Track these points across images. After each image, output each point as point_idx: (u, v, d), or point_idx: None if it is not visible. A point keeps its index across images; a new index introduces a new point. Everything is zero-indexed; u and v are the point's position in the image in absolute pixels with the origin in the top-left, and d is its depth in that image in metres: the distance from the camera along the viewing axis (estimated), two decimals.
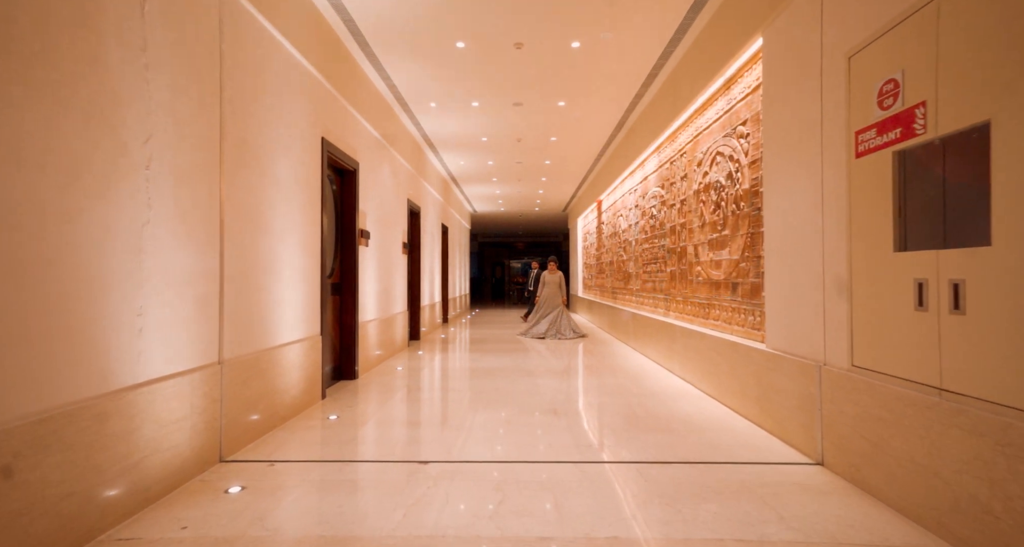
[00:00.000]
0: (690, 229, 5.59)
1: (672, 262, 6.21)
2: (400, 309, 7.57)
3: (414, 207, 8.67)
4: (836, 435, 2.66)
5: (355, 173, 5.52)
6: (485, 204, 16.56)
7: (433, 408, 4.35)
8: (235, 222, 3.12)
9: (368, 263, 6.00)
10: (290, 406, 3.84)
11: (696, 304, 5.35)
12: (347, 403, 4.42)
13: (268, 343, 3.54)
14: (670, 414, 4.02)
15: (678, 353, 5.55)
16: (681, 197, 5.88)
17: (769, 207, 3.49)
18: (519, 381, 5.35)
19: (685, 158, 5.75)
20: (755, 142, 3.99)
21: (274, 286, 3.64)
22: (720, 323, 4.68)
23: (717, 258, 4.79)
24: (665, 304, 6.51)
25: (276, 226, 3.69)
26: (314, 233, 4.41)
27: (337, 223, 5.41)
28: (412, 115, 7.33)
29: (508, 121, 7.70)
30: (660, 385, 5.12)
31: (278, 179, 3.72)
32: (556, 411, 4.14)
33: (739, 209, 4.29)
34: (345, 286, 5.47)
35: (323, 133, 4.60)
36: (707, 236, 5.05)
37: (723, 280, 4.64)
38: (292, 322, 3.94)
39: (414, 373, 5.94)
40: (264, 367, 3.44)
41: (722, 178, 4.66)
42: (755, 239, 3.99)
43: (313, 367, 4.29)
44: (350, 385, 5.18)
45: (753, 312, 4.02)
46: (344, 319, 5.47)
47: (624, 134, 8.19)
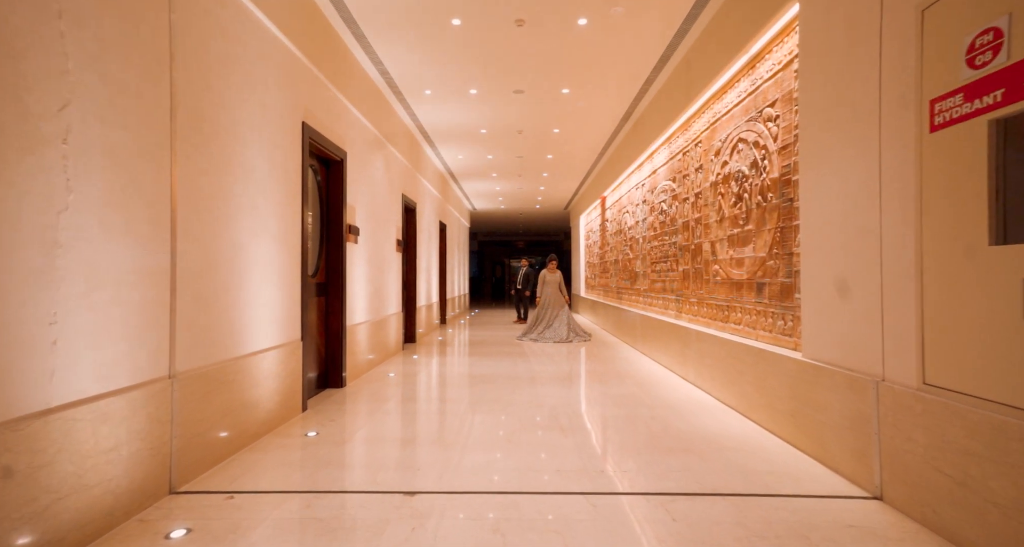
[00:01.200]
0: (706, 225, 5.15)
1: (685, 260, 5.78)
2: (394, 310, 7.14)
3: (409, 203, 8.24)
4: (900, 466, 2.23)
5: (342, 164, 5.09)
6: (485, 201, 16.13)
7: (425, 422, 3.92)
8: (193, 213, 2.69)
9: (357, 261, 5.57)
10: (263, 421, 3.41)
11: (713, 306, 4.92)
12: (330, 416, 3.99)
13: (236, 351, 3.10)
14: (690, 430, 3.58)
15: (692, 359, 5.12)
16: (696, 190, 5.45)
17: (807, 197, 3.06)
18: (520, 390, 4.92)
19: (700, 148, 5.32)
20: (786, 125, 3.55)
21: (245, 287, 3.21)
22: (743, 328, 4.24)
23: (738, 256, 4.35)
24: (677, 305, 6.08)
25: (247, 218, 3.26)
26: (294, 227, 3.98)
27: (322, 217, 4.97)
28: (406, 104, 6.90)
29: (508, 111, 7.26)
30: (674, 395, 4.69)
31: (249, 166, 3.29)
32: (562, 426, 3.71)
33: (766, 201, 3.86)
34: (331, 286, 5.04)
35: (304, 117, 4.17)
36: (726, 232, 4.62)
37: (746, 280, 4.21)
38: (267, 327, 3.51)
39: (407, 380, 5.50)
40: (231, 379, 3.00)
41: (745, 167, 4.23)
42: (786, 234, 3.55)
43: (292, 376, 3.86)
44: (336, 394, 4.75)
45: (783, 316, 3.59)
46: (330, 322, 5.04)
47: (631, 125, 7.75)
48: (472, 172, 11.58)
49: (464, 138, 8.71)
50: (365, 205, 5.83)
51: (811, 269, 3.01)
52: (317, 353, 4.84)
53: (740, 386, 3.98)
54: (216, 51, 2.90)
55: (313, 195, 4.80)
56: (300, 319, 4.09)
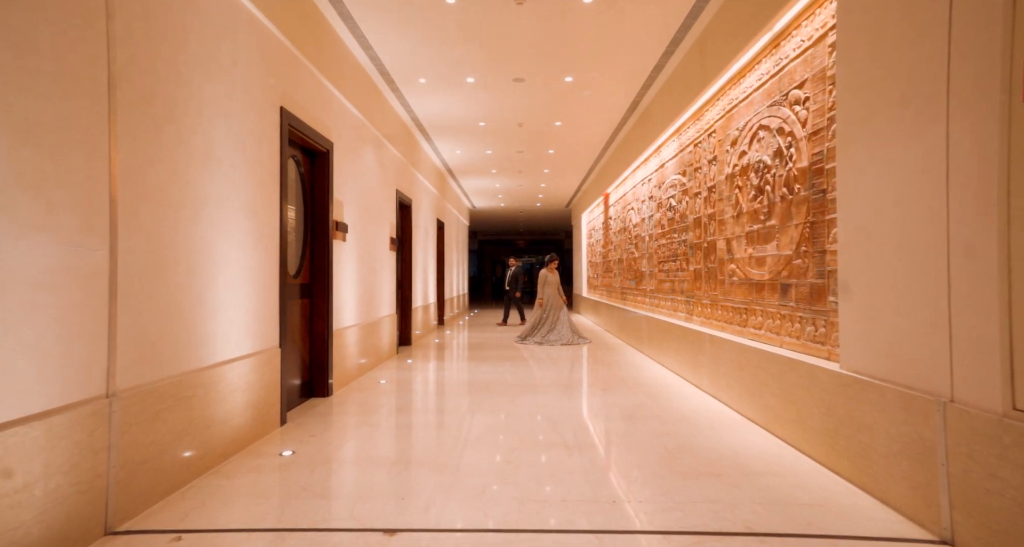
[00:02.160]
0: (720, 221, 4.78)
1: (696, 259, 5.40)
2: (387, 312, 6.76)
3: (405, 199, 7.87)
4: (979, 507, 1.85)
5: (328, 155, 4.71)
6: (484, 199, 15.76)
7: (414, 438, 3.55)
8: (143, 204, 2.31)
9: (346, 260, 5.20)
10: (232, 440, 3.04)
11: (729, 309, 4.54)
12: (311, 430, 3.62)
13: (198, 362, 2.73)
14: (709, 448, 3.21)
15: (706, 365, 4.74)
16: (709, 184, 5.07)
17: (846, 187, 2.69)
18: (521, 399, 4.54)
19: (714, 138, 4.94)
20: (817, 107, 3.17)
21: (210, 289, 2.84)
22: (764, 333, 3.87)
23: (759, 254, 3.98)
24: (687, 307, 5.70)
25: (213, 212, 2.88)
26: (271, 223, 3.61)
27: (306, 213, 4.60)
28: (400, 94, 6.52)
29: (508, 101, 6.88)
30: (688, 405, 4.31)
31: (216, 153, 2.92)
32: (566, 443, 3.33)
33: (792, 193, 3.48)
34: (316, 287, 4.67)
35: (283, 102, 3.80)
36: (744, 228, 4.24)
37: (768, 281, 3.83)
38: (238, 334, 3.14)
39: (399, 388, 5.13)
40: (190, 394, 2.63)
41: (767, 157, 3.85)
42: (817, 230, 3.18)
43: (268, 387, 3.49)
44: (321, 405, 4.38)
45: (813, 321, 3.22)
46: (315, 326, 4.66)
47: (637, 116, 7.37)
48: (471, 168, 11.20)
49: (462, 131, 8.34)
50: (355, 200, 5.46)
51: (852, 269, 2.63)
52: (300, 360, 4.47)
53: (762, 398, 3.61)
54: (167, 18, 2.53)
55: (295, 189, 4.43)
56: (279, 324, 3.72)
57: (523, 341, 8.43)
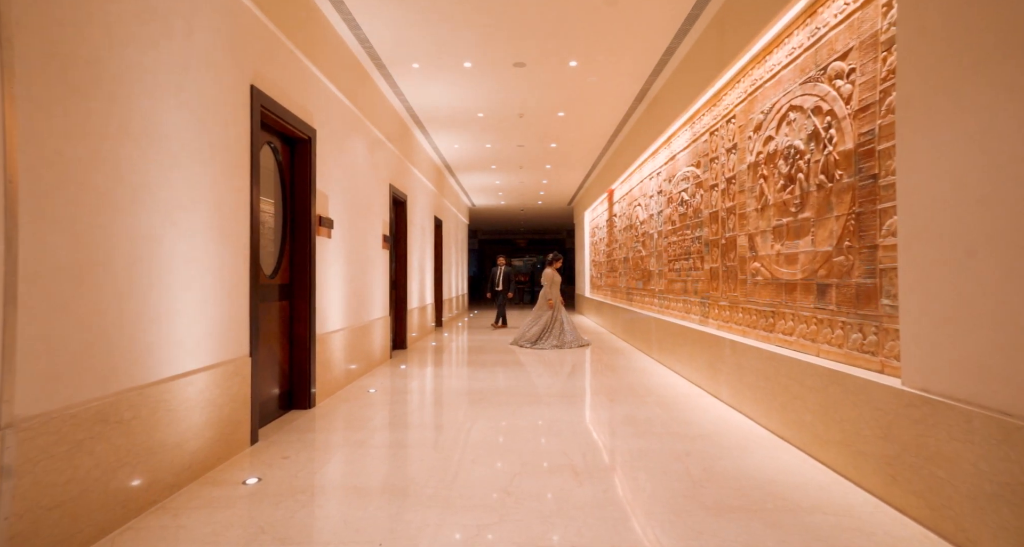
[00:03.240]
0: (741, 215, 4.34)
1: (713, 257, 4.97)
2: (379, 314, 6.33)
3: (399, 195, 7.44)
4: None
5: (310, 143, 4.28)
6: (484, 197, 15.33)
7: (401, 461, 3.11)
8: (57, 190, 1.89)
9: (332, 259, 4.77)
10: (187, 466, 2.61)
11: (753, 312, 4.11)
12: (285, 451, 3.19)
13: (139, 378, 2.30)
14: (740, 474, 2.78)
15: (726, 374, 4.31)
16: (727, 174, 4.64)
17: (912, 169, 2.25)
18: (522, 412, 4.11)
19: (734, 124, 4.50)
20: (867, 80, 2.74)
21: (156, 292, 2.41)
22: (796, 339, 3.44)
23: (789, 251, 3.54)
24: (702, 309, 5.27)
25: (161, 202, 2.46)
26: (239, 217, 3.18)
27: (285, 206, 4.17)
28: (391, 80, 6.09)
29: (508, 88, 6.45)
30: (708, 419, 3.88)
31: (164, 133, 2.49)
32: (574, 467, 2.90)
33: (831, 181, 3.05)
34: (297, 288, 4.24)
35: (254, 80, 3.37)
36: (771, 222, 3.81)
37: (800, 280, 3.40)
38: (195, 342, 2.71)
39: (390, 398, 4.70)
40: (129, 416, 2.21)
41: (799, 141, 3.42)
42: (865, 221, 2.74)
43: (235, 402, 3.06)
44: (300, 419, 3.95)
45: (860, 328, 2.78)
46: (296, 330, 4.23)
47: (647, 105, 6.93)
48: (470, 164, 10.77)
49: (459, 123, 7.90)
50: (342, 194, 5.03)
51: (920, 268, 2.20)
52: (279, 368, 4.04)
53: (797, 413, 3.17)
54: None
55: (272, 179, 4.00)
56: (249, 330, 3.29)
57: (538, 346, 7.85)
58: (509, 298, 11.31)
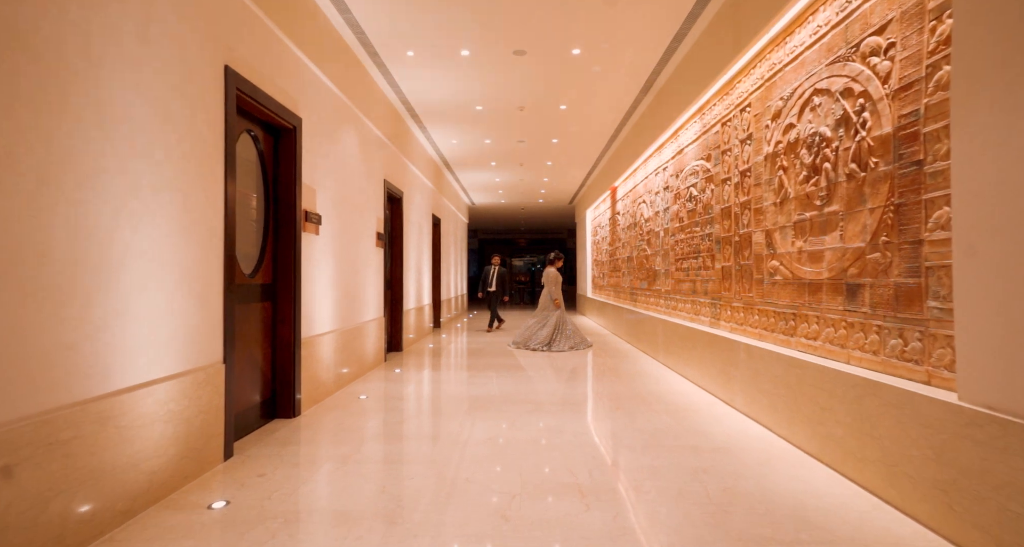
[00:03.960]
0: (757, 210, 4.05)
1: (724, 256, 4.68)
2: (372, 316, 6.04)
3: (395, 191, 7.15)
4: None
5: (295, 133, 3.99)
6: (484, 195, 15.03)
7: (391, 479, 2.82)
8: None
9: (320, 257, 4.48)
10: (144, 489, 2.32)
11: (770, 314, 3.81)
12: (261, 467, 2.90)
13: (81, 392, 2.01)
14: (765, 496, 2.48)
15: (740, 380, 4.01)
16: (741, 167, 4.34)
17: (973, 152, 1.96)
18: (523, 421, 3.82)
19: (749, 113, 4.21)
20: (909, 54, 2.44)
21: (102, 292, 2.12)
22: (822, 344, 3.14)
23: (813, 247, 3.25)
24: (713, 311, 4.97)
25: (113, 191, 2.17)
26: (210, 209, 2.89)
27: (267, 200, 3.88)
28: (385, 69, 5.79)
29: (507, 79, 6.15)
30: (723, 430, 3.58)
31: (116, 113, 2.20)
32: (580, 487, 2.61)
33: (864, 170, 2.75)
34: (280, 288, 3.94)
35: (228, 60, 3.07)
36: (792, 217, 3.52)
37: (827, 280, 3.11)
38: (155, 348, 2.42)
39: (382, 405, 4.41)
40: (68, 436, 1.92)
41: (825, 128, 3.13)
42: (906, 214, 2.45)
43: (206, 414, 2.77)
44: (283, 429, 3.66)
45: (901, 333, 2.48)
46: (279, 333, 3.94)
47: (653, 96, 6.63)
48: (469, 160, 10.48)
49: (457, 117, 7.61)
50: (332, 189, 4.74)
51: (983, 264, 1.90)
52: (260, 375, 3.75)
53: (826, 427, 2.88)
54: None
55: (253, 171, 3.71)
56: (223, 334, 3.00)
57: (548, 349, 7.52)
58: (504, 301, 10.63)
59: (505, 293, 10.49)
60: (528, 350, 7.55)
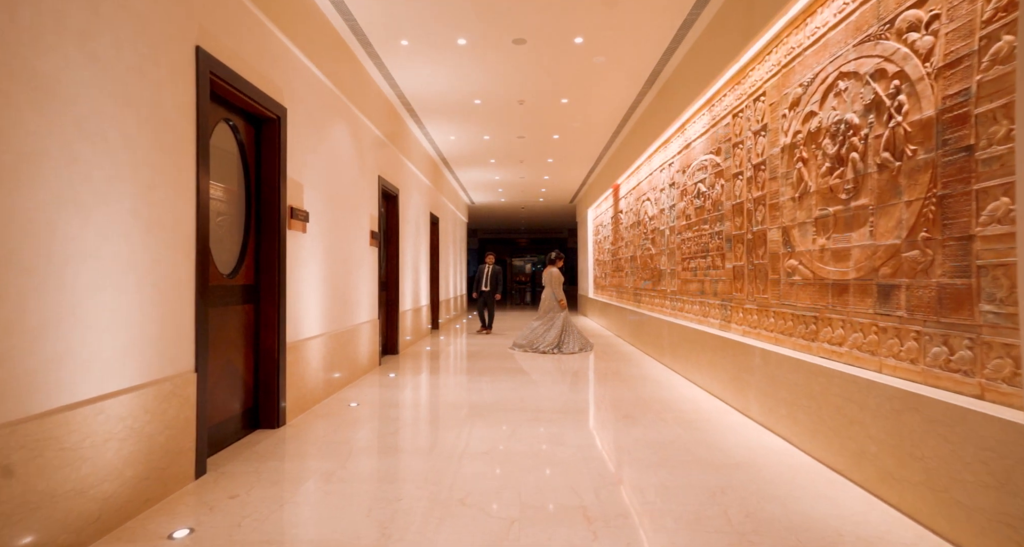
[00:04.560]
0: (773, 205, 3.78)
1: (736, 254, 4.41)
2: (366, 318, 5.78)
3: (390, 189, 6.88)
4: None
5: (278, 123, 3.73)
6: (484, 194, 14.77)
7: (376, 501, 2.55)
8: None
9: (308, 256, 4.21)
10: (95, 518, 2.06)
11: (788, 316, 3.55)
12: (235, 488, 2.64)
13: (17, 410, 1.75)
14: (797, 524, 2.22)
15: (756, 388, 3.75)
16: (754, 160, 4.08)
17: None
18: (523, 432, 3.56)
19: (763, 102, 3.95)
20: (956, 27, 2.18)
21: (37, 294, 1.86)
22: (849, 351, 2.88)
23: (838, 245, 2.99)
24: (723, 313, 4.71)
25: (57, 179, 1.91)
26: (178, 203, 2.62)
27: (249, 195, 3.62)
28: (379, 60, 5.53)
29: (507, 70, 5.89)
30: (739, 442, 3.32)
31: (61, 91, 1.94)
32: (587, 511, 2.35)
33: (900, 158, 2.49)
34: (264, 289, 3.68)
35: (200, 40, 2.81)
36: (813, 212, 3.25)
37: (854, 280, 2.84)
38: (108, 358, 2.16)
39: (373, 413, 4.14)
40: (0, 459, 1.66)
41: (852, 115, 2.86)
42: (952, 206, 2.19)
43: (171, 430, 2.51)
44: (265, 441, 3.39)
45: (946, 340, 2.22)
46: (262, 338, 3.68)
47: (658, 89, 6.37)
48: (467, 158, 10.21)
49: (455, 111, 7.34)
50: (321, 184, 4.48)
51: None
52: (241, 383, 3.49)
53: (857, 442, 2.62)
54: None
55: (233, 164, 3.45)
56: (195, 340, 2.74)
57: (557, 351, 7.28)
58: (497, 299, 10.12)
59: (498, 291, 9.97)
60: (537, 353, 7.27)
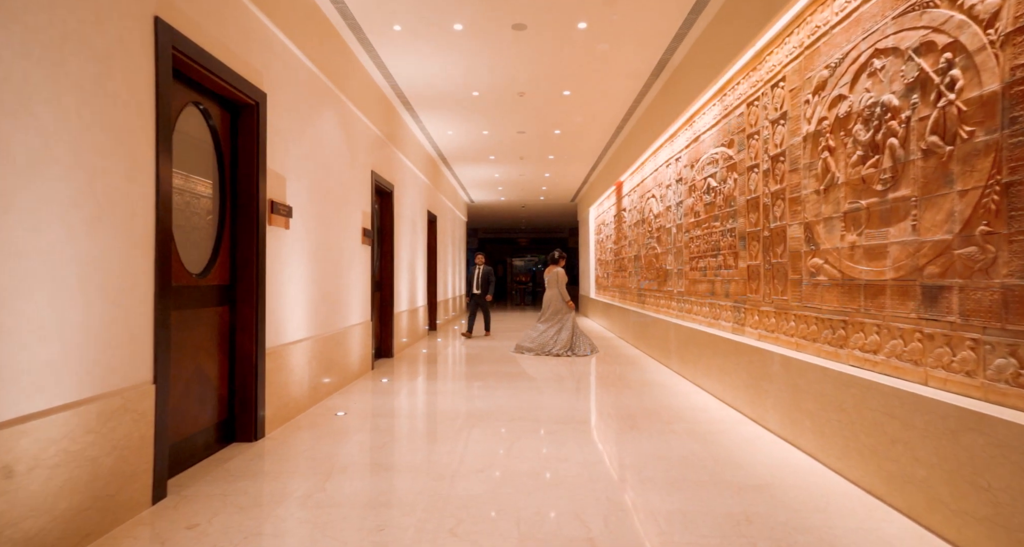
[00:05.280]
0: (794, 199, 3.48)
1: (751, 253, 4.11)
2: (358, 320, 5.48)
3: (384, 184, 6.58)
4: None
5: (257, 110, 3.43)
6: (483, 192, 14.47)
7: (355, 531, 2.25)
8: None
9: (291, 254, 3.91)
10: None
11: (811, 320, 3.24)
12: (195, 514, 2.33)
13: None
14: None
15: (775, 397, 3.45)
16: (772, 152, 3.77)
17: None
18: (522, 447, 3.25)
19: (782, 88, 3.64)
20: None
21: None
22: (887, 359, 2.57)
23: (872, 242, 2.68)
24: (736, 315, 4.41)
25: None
26: (132, 193, 2.32)
27: (224, 188, 3.31)
28: (369, 45, 5.22)
29: (506, 58, 5.59)
30: (761, 460, 3.01)
31: None
32: (595, 544, 2.04)
33: (952, 143, 2.19)
34: (241, 290, 3.38)
35: (158, 10, 2.51)
36: (841, 206, 2.95)
37: (893, 281, 2.54)
38: (35, 372, 1.86)
39: (360, 423, 3.84)
40: None
41: (892, 96, 2.56)
42: (1021, 195, 1.88)
43: (122, 451, 2.21)
44: (240, 456, 3.09)
45: (1013, 350, 1.92)
46: (239, 343, 3.38)
47: (665, 79, 6.06)
48: (466, 154, 9.91)
49: (451, 104, 7.04)
50: (306, 177, 4.18)
51: None
52: (214, 392, 3.19)
53: (901, 465, 2.31)
54: None
55: (203, 151, 3.14)
56: (154, 347, 2.43)
57: (569, 354, 6.97)
58: (488, 300, 9.38)
59: (488, 292, 9.30)
60: (549, 356, 6.95)
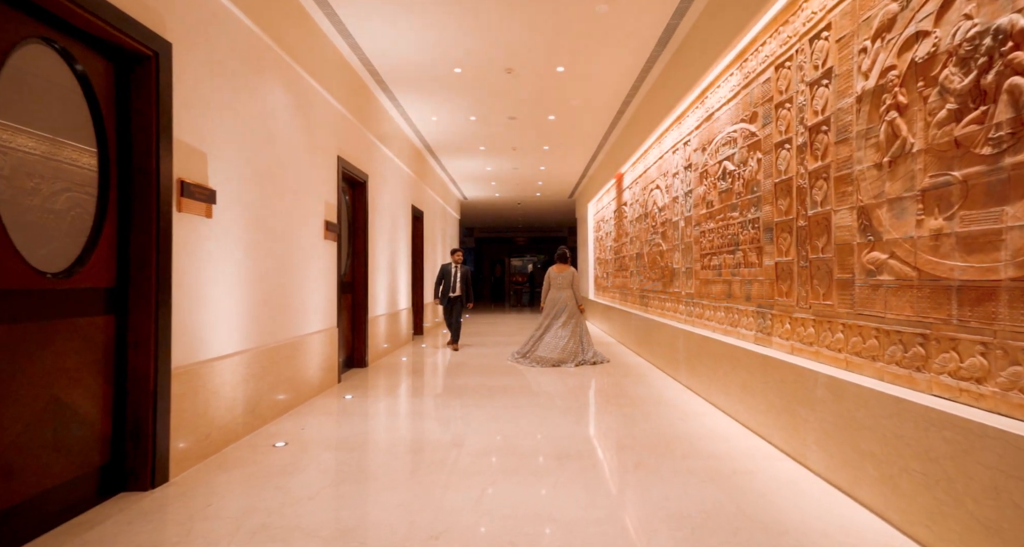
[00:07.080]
0: (842, 177, 2.74)
1: (781, 247, 3.36)
2: (320, 326, 4.72)
3: (356, 173, 5.83)
4: None
5: (154, 61, 2.67)
6: (476, 187, 13.71)
7: None
8: None
9: (217, 249, 3.16)
10: None
11: (870, 332, 2.49)
12: None
13: None
14: None
15: (820, 429, 2.70)
16: (811, 121, 3.03)
17: None
18: (506, 494, 2.49)
19: (825, 40, 2.89)
20: None
21: None
22: (999, 392, 1.82)
23: (972, 227, 1.94)
24: (760, 322, 3.66)
25: None
26: None
27: (105, 160, 2.56)
28: (330, 9, 4.46)
29: (491, 26, 4.82)
30: (807, 516, 2.26)
31: None
32: None
33: None
34: (134, 295, 2.63)
35: None
36: (919, 181, 2.21)
37: (1011, 281, 1.79)
38: None
39: (303, 459, 3.07)
40: None
41: (1019, 16, 1.81)
42: None
43: None
44: (118, 516, 2.34)
45: None
46: (132, 363, 2.62)
47: (674, 48, 5.29)
48: (454, 144, 9.15)
49: (432, 82, 6.28)
50: (241, 155, 3.43)
51: None
52: (88, 430, 2.44)
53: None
54: None
55: (65, 106, 2.39)
56: None
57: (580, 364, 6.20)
58: (469, 307, 7.85)
59: (470, 299, 7.80)
60: (587, 365, 6.19)
